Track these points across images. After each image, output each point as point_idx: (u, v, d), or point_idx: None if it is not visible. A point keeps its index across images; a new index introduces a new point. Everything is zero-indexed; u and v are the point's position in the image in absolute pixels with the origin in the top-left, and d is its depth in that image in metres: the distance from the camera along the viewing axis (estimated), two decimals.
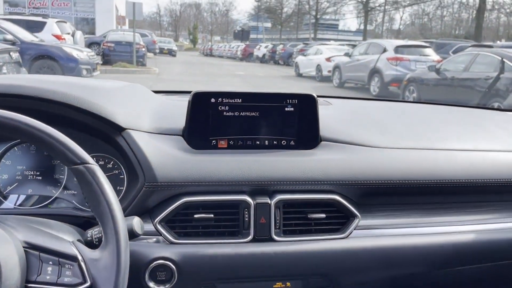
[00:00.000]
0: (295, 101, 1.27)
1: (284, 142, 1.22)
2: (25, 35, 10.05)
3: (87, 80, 1.36)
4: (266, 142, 1.22)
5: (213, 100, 1.23)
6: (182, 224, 1.15)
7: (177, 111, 1.31)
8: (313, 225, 1.21)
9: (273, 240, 1.11)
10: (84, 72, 9.74)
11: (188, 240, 1.13)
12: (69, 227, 1.03)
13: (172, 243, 1.12)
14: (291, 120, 1.22)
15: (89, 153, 1.23)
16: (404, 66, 11.09)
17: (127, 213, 1.14)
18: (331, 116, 1.45)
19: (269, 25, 51.73)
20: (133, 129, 1.17)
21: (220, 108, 1.23)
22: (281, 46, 25.94)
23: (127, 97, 1.32)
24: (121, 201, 1.14)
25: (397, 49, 11.48)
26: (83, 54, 10.09)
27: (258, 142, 1.21)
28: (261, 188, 1.12)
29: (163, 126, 1.24)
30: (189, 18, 64.18)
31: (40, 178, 1.21)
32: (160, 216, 1.12)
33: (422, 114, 1.69)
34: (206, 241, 1.14)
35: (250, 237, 1.15)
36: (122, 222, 0.89)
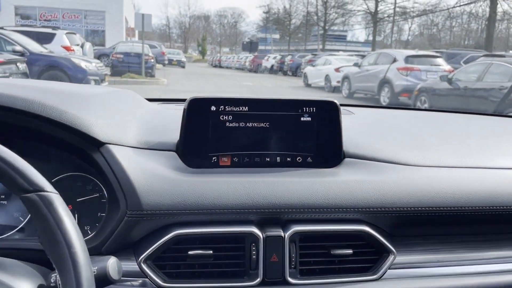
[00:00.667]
0: (313, 109, 1.04)
1: (300, 159, 0.99)
2: (35, 46, 10.15)
3: (65, 85, 1.15)
4: (278, 159, 1.00)
5: (213, 108, 1.01)
6: (174, 263, 0.93)
7: (171, 122, 1.09)
8: (337, 264, 0.97)
9: (287, 283, 0.92)
10: (93, 82, 9.82)
11: (181, 284, 0.91)
12: (31, 268, 0.81)
13: (160, 287, 0.89)
14: (309, 132, 1.00)
15: (63, 173, 0.99)
16: (414, 76, 10.92)
17: (106, 248, 0.91)
18: (355, 127, 1.22)
19: (277, 36, 51.86)
20: (114, 144, 0.95)
21: (222, 117, 1.01)
22: (289, 57, 25.91)
23: (111, 105, 1.10)
24: (99, 233, 0.92)
25: (408, 59, 11.34)
26: (91, 65, 10.15)
27: (268, 159, 0.98)
28: (272, 217, 0.92)
29: (153, 140, 1.02)
30: (198, 30, 64.62)
31: (5, 202, 1.00)
32: (146, 253, 0.89)
33: (458, 125, 1.45)
34: (204, 284, 0.91)
35: (258, 280, 0.92)
36: (86, 270, 0.66)
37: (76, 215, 0.99)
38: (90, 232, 0.98)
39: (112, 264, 0.77)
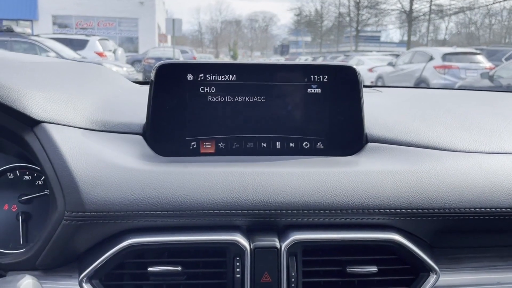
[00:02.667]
0: (324, 78, 0.78)
1: (307, 145, 0.74)
2: (68, 53, 10.46)
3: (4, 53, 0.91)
4: (278, 145, 0.74)
5: (190, 76, 0.77)
6: (131, 284, 0.69)
7: (145, 101, 0.85)
8: (356, 286, 0.71)
9: None
10: None
11: None
12: None
13: None
14: (318, 109, 0.76)
15: (4, 164, 0.76)
16: (453, 75, 10.41)
17: (42, 262, 0.69)
18: (382, 105, 0.95)
19: (309, 39, 51.30)
20: (55, 123, 0.72)
21: (203, 89, 0.77)
22: (321, 58, 25.50)
23: (60, 77, 0.87)
24: (36, 242, 0.69)
25: (445, 56, 10.84)
26: (122, 70, 10.34)
27: (264, 145, 0.74)
28: (265, 221, 0.69)
29: (114, 120, 0.78)
30: (229, 34, 64.91)
31: None
32: (90, 268, 0.66)
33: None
34: None
35: None
36: None
37: (20, 217, 0.77)
38: (28, 242, 0.76)
39: (24, 287, 0.54)
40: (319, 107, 0.79)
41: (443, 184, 0.72)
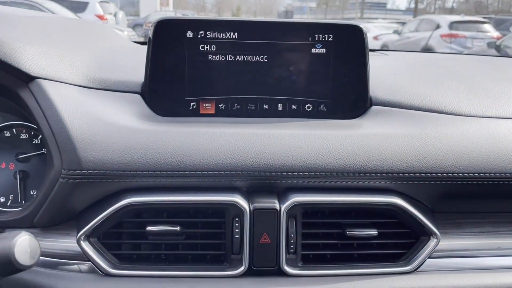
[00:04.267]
0: (329, 37, 0.75)
1: (309, 107, 0.72)
2: (68, 15, 10.18)
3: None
4: (280, 107, 0.73)
5: (190, 33, 0.74)
6: (128, 242, 0.68)
7: (144, 59, 0.83)
8: (355, 248, 0.70)
9: (284, 274, 0.67)
10: None
11: (137, 271, 0.67)
12: None
13: (108, 274, 0.66)
14: (322, 70, 0.75)
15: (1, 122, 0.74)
16: (459, 44, 10.23)
17: (39, 220, 0.69)
18: (388, 67, 0.93)
19: (314, 5, 50.24)
20: (50, 79, 0.70)
21: (203, 47, 0.74)
22: None
23: (57, 33, 0.84)
24: (33, 200, 0.69)
25: (452, 25, 10.62)
26: (123, 34, 10.12)
27: (265, 107, 0.73)
28: (265, 183, 0.69)
29: (111, 78, 0.76)
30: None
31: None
32: (88, 227, 0.66)
33: None
34: (167, 272, 0.67)
35: (243, 268, 0.67)
36: None
37: (18, 176, 0.76)
38: (26, 200, 0.75)
39: (21, 243, 0.54)
40: (323, 68, 0.76)
41: (447, 148, 0.70)
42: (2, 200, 0.76)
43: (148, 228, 0.67)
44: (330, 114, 0.77)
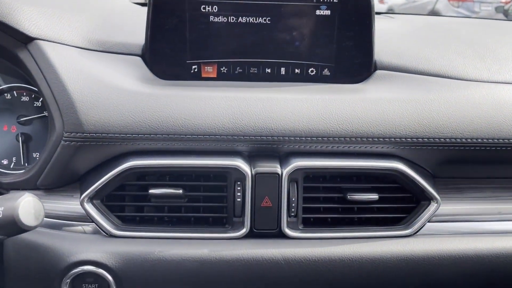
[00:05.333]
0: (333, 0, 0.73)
1: (313, 71, 0.72)
2: None
3: None
4: (283, 71, 0.72)
5: None
6: (131, 205, 0.69)
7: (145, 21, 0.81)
8: (355, 212, 0.71)
9: (284, 236, 0.69)
10: None
11: (138, 232, 0.68)
12: None
13: (111, 235, 0.67)
14: (327, 33, 0.74)
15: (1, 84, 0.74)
16: (466, 8, 9.96)
17: (43, 182, 0.69)
18: (394, 31, 0.91)
19: None
20: (49, 40, 0.69)
21: (204, 9, 0.73)
22: None
23: None
24: (37, 162, 0.69)
25: None
26: None
27: (268, 71, 0.72)
28: (267, 147, 0.69)
29: (112, 40, 0.75)
30: None
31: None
32: (91, 189, 0.66)
33: None
34: (170, 234, 0.68)
35: (244, 230, 0.68)
36: None
37: (20, 138, 0.76)
38: (29, 163, 0.75)
39: (25, 204, 0.54)
40: (327, 30, 0.75)
41: (451, 113, 0.70)
42: (5, 162, 0.76)
43: (151, 191, 0.67)
44: (333, 78, 0.76)
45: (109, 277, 0.65)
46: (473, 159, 0.73)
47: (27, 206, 0.54)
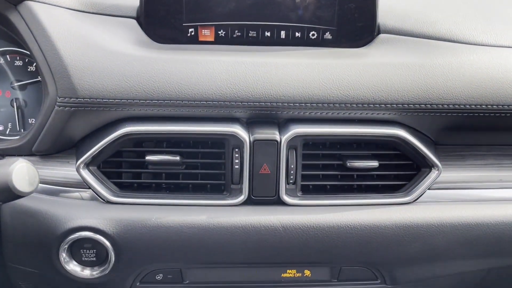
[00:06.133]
0: None
1: (314, 35, 0.72)
2: None
3: None
4: (283, 34, 0.71)
5: None
6: (128, 171, 0.69)
7: None
8: (355, 179, 0.70)
9: (283, 204, 0.68)
10: None
11: (136, 199, 0.67)
12: None
13: (108, 202, 0.67)
14: None
15: None
16: None
17: (38, 148, 0.69)
18: None
19: None
20: (39, 1, 0.66)
21: None
22: None
23: None
24: (31, 128, 0.68)
25: None
26: None
27: (267, 34, 0.71)
28: (266, 113, 0.68)
29: (105, 1, 0.72)
30: None
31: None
32: (87, 155, 0.65)
33: None
34: (168, 201, 0.67)
35: (242, 197, 0.68)
36: None
37: (15, 104, 0.75)
38: (25, 129, 0.74)
39: (18, 170, 0.53)
40: None
41: (456, 79, 0.68)
42: (1, 128, 0.75)
43: (148, 158, 0.66)
44: (335, 42, 0.74)
45: (107, 243, 0.65)
46: (476, 126, 0.72)
47: (21, 172, 0.54)
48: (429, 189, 0.72)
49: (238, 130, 0.66)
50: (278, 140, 0.67)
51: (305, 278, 0.73)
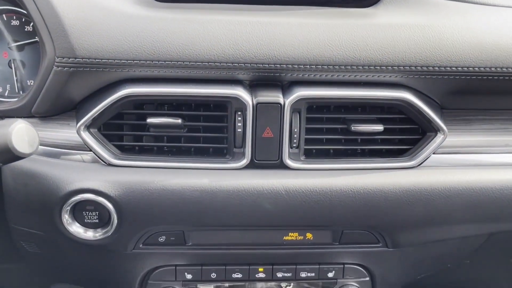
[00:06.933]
0: None
1: None
2: None
3: None
4: None
5: None
6: (129, 134, 0.68)
7: None
8: (359, 144, 0.69)
9: (285, 167, 0.68)
10: None
11: (137, 161, 0.67)
12: None
13: (110, 164, 0.66)
14: None
15: None
16: None
17: (37, 109, 0.68)
18: None
19: None
20: None
21: None
22: None
23: None
24: (30, 90, 0.67)
25: None
26: None
27: None
28: (269, 76, 0.66)
29: None
30: None
31: None
32: (87, 117, 0.65)
33: None
34: (170, 164, 0.67)
35: (245, 161, 0.67)
36: None
37: (13, 65, 0.73)
38: (24, 91, 0.73)
39: (18, 131, 0.53)
40: None
41: (465, 40, 0.66)
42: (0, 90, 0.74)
43: (149, 120, 0.65)
44: (341, 1, 0.71)
45: (110, 206, 0.65)
46: (484, 89, 0.70)
47: (20, 133, 0.53)
48: (434, 153, 0.71)
49: (241, 92, 0.65)
50: (282, 103, 0.65)
51: (307, 241, 0.74)
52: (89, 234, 0.68)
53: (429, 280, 0.94)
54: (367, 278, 0.81)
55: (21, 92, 0.74)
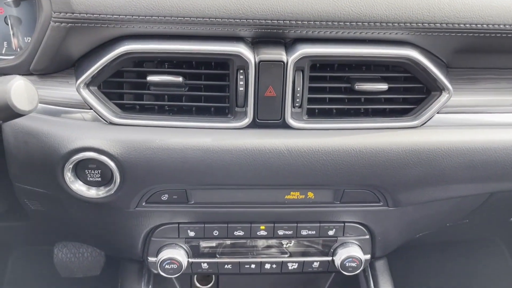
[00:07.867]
0: None
1: None
2: None
3: None
4: None
5: None
6: (130, 92, 0.67)
7: None
8: (363, 103, 0.69)
9: (288, 127, 0.67)
10: None
11: (139, 120, 0.66)
12: None
13: (111, 123, 0.66)
14: None
15: None
16: None
17: (36, 67, 0.67)
18: None
19: None
20: None
21: None
22: None
23: None
24: (28, 47, 0.65)
25: None
26: None
27: None
28: (272, 32, 0.64)
29: None
30: None
31: None
32: (86, 74, 0.63)
33: None
34: (171, 123, 0.66)
35: (247, 120, 0.67)
36: None
37: (9, 21, 0.71)
38: (21, 48, 0.72)
39: (16, 87, 0.52)
40: None
41: None
42: None
43: (149, 78, 0.64)
44: None
45: (112, 164, 0.65)
46: (492, 48, 0.68)
47: (19, 89, 0.52)
48: (438, 113, 0.70)
49: (243, 50, 0.63)
50: (285, 61, 0.64)
51: (308, 200, 0.74)
52: (92, 192, 0.68)
53: (427, 238, 0.96)
54: (367, 236, 0.82)
55: (18, 50, 0.72)
